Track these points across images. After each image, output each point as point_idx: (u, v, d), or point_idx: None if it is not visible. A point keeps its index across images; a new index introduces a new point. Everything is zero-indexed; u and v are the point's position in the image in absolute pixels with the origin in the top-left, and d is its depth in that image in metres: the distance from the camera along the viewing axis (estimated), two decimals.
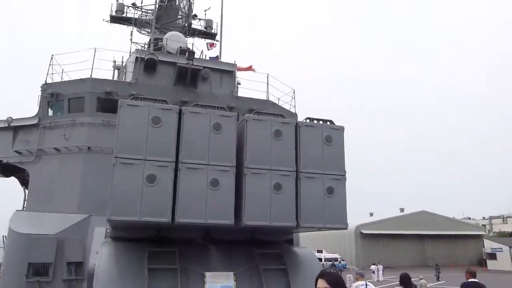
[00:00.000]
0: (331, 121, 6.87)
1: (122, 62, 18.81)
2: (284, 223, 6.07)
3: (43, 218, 11.28)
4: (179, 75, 13.43)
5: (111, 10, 25.00)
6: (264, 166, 6.15)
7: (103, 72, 15.71)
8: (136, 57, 13.67)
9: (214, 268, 6.77)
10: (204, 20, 25.93)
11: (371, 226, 58.47)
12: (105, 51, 15.19)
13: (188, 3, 24.77)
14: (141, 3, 24.86)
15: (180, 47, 14.88)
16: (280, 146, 6.32)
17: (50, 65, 13.69)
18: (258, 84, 16.02)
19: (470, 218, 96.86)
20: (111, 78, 16.79)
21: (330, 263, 47.56)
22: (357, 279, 11.48)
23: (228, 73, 14.66)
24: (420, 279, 22.71)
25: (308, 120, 6.77)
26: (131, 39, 23.58)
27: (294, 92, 16.50)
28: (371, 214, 70.62)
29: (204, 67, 13.69)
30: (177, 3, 23.78)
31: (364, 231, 57.01)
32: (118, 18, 24.64)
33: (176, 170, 5.79)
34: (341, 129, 6.78)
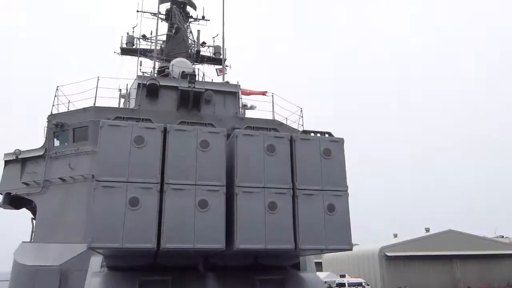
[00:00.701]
0: (329, 133, 6.43)
1: (127, 89, 18.96)
2: (281, 245, 5.59)
3: (48, 249, 11.11)
4: (181, 99, 13.30)
5: (121, 43, 25.62)
6: (257, 184, 5.73)
7: (110, 100, 15.75)
8: (138, 83, 13.63)
9: None
10: (213, 46, 26.24)
11: (395, 248, 56.27)
12: (111, 80, 15.30)
13: (197, 32, 25.18)
14: (151, 34, 25.38)
15: (184, 71, 14.85)
16: (274, 162, 5.90)
17: (55, 96, 13.77)
18: (269, 105, 15.80)
19: (503, 237, 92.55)
20: (116, 106, 16.80)
21: None
22: None
23: (231, 94, 14.45)
24: None
25: (304, 133, 6.35)
26: (140, 68, 23.92)
27: (301, 111, 16.17)
28: (395, 235, 68.18)
29: (207, 90, 13.52)
30: (186, 32, 24.13)
31: (389, 253, 54.85)
32: (128, 50, 25.21)
33: (161, 191, 5.42)
34: (340, 141, 6.32)
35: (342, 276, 50.90)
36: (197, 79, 18.90)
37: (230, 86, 14.75)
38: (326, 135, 6.37)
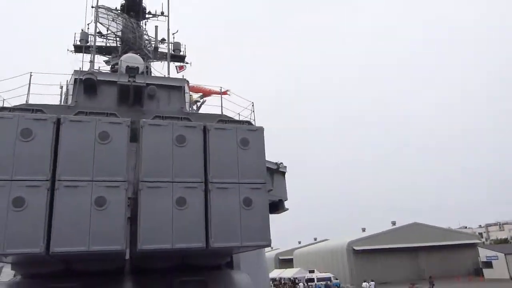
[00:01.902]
0: (248, 122, 6.01)
1: (67, 85, 18.05)
2: (190, 244, 5.11)
3: None
4: (121, 94, 12.56)
5: (75, 40, 24.58)
6: (164, 178, 5.23)
7: (53, 98, 14.77)
8: (75, 78, 12.81)
9: None
10: (172, 43, 25.52)
11: (363, 242, 57.10)
12: (55, 76, 14.39)
13: (154, 28, 24.47)
14: (107, 31, 24.40)
15: (128, 66, 14.14)
16: (184, 154, 5.41)
17: None
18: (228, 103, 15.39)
19: (466, 227, 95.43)
20: (58, 103, 15.88)
21: (324, 283, 46.00)
22: None
23: (177, 88, 13.83)
24: None
25: (220, 122, 5.91)
26: (90, 65, 22.99)
27: (253, 105, 15.79)
28: (364, 230, 69.23)
29: (148, 84, 12.85)
30: (136, 30, 23.35)
31: (356, 247, 55.60)
32: (80, 47, 24.20)
33: (52, 190, 4.85)
34: (259, 129, 5.92)
35: (311, 271, 51.08)
36: (149, 73, 18.26)
37: (175, 80, 14.13)
38: (245, 124, 5.95)
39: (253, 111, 15.84)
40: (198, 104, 19.56)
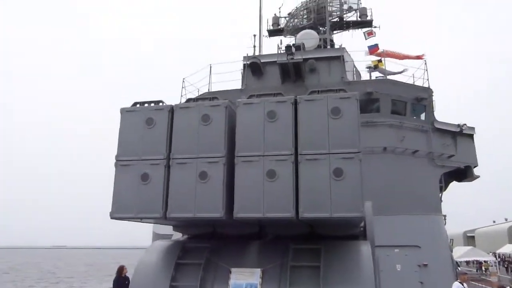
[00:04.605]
0: (343, 90, 5.73)
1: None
2: (280, 214, 5.38)
3: None
4: (283, 72, 13.39)
5: (268, 25, 26.60)
6: (256, 152, 5.63)
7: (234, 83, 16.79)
8: (244, 63, 14.32)
9: (245, 264, 6.51)
10: (358, 9, 24.91)
11: None
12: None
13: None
14: (296, 10, 25.61)
15: (293, 44, 14.80)
16: (275, 128, 5.65)
17: (182, 87, 15.65)
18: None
19: None
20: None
21: None
22: None
23: (335, 59, 13.77)
24: None
25: (312, 93, 5.83)
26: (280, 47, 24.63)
27: (425, 63, 14.20)
28: None
29: (306, 59, 13.22)
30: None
31: None
32: (275, 31, 25.96)
33: (168, 166, 5.94)
34: (353, 96, 5.56)
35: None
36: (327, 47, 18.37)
37: (333, 50, 14.06)
38: (338, 92, 5.67)
39: (426, 70, 14.28)
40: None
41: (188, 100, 6.58)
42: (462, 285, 10.02)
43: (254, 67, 13.87)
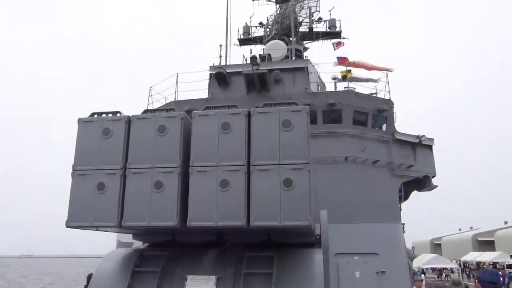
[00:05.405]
0: (294, 103, 5.99)
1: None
2: (233, 222, 5.57)
3: None
4: (248, 82, 13.63)
5: (239, 34, 26.76)
6: (210, 163, 5.81)
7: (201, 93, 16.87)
8: (210, 73, 14.50)
9: (201, 271, 6.64)
10: (327, 20, 25.47)
11: None
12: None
13: (307, 9, 24.83)
14: (267, 20, 26.00)
15: (260, 54, 15.10)
16: (229, 140, 5.86)
17: (149, 96, 15.64)
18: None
19: None
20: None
21: None
22: None
23: (300, 70, 14.14)
24: None
25: (265, 106, 6.08)
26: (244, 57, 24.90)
27: (387, 76, 14.80)
28: None
29: (271, 70, 13.53)
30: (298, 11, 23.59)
31: None
32: (246, 40, 26.14)
33: (124, 176, 6.03)
34: (304, 110, 5.83)
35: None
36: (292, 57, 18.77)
37: (298, 62, 14.45)
38: (289, 105, 5.94)
39: (387, 82, 14.87)
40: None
41: (145, 111, 6.70)
42: None
43: (219, 77, 14.06)
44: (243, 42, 26.00)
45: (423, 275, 31.30)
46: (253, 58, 13.36)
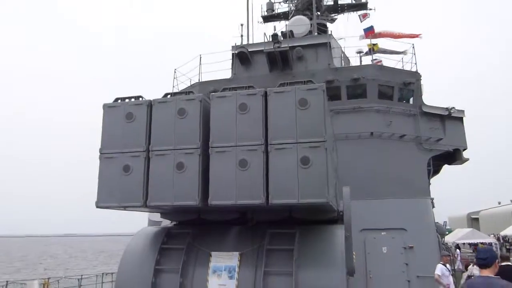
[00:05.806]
0: (310, 81, 5.97)
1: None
2: (250, 200, 5.72)
3: None
4: (270, 61, 13.56)
5: (262, 11, 26.36)
6: (229, 143, 5.93)
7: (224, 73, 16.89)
8: (232, 53, 14.50)
9: (224, 248, 6.87)
10: None
11: None
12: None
13: None
14: None
15: (282, 32, 14.96)
16: (246, 120, 5.95)
17: (174, 78, 15.87)
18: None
19: None
20: None
21: None
22: None
23: (322, 46, 13.91)
24: None
25: (281, 85, 6.10)
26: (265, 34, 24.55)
27: (413, 47, 14.34)
28: None
29: (292, 47, 13.39)
30: None
31: None
32: (269, 17, 25.75)
33: (148, 158, 6.27)
34: (320, 88, 5.81)
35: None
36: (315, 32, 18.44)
37: (319, 37, 14.18)
38: (305, 83, 5.93)
39: (414, 54, 14.41)
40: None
41: (165, 94, 6.86)
42: (445, 266, 10.40)
43: (241, 57, 14.04)
44: (267, 19, 25.58)
45: (458, 250, 30.67)
46: (274, 35, 13.25)
